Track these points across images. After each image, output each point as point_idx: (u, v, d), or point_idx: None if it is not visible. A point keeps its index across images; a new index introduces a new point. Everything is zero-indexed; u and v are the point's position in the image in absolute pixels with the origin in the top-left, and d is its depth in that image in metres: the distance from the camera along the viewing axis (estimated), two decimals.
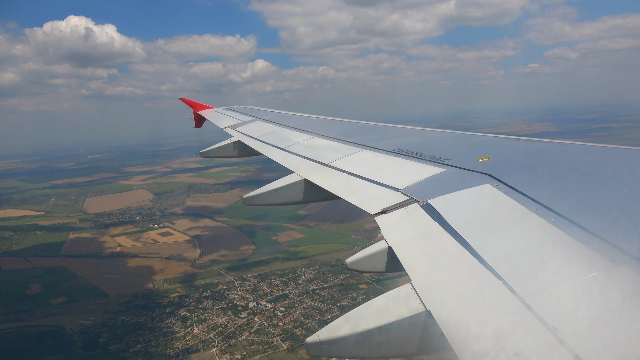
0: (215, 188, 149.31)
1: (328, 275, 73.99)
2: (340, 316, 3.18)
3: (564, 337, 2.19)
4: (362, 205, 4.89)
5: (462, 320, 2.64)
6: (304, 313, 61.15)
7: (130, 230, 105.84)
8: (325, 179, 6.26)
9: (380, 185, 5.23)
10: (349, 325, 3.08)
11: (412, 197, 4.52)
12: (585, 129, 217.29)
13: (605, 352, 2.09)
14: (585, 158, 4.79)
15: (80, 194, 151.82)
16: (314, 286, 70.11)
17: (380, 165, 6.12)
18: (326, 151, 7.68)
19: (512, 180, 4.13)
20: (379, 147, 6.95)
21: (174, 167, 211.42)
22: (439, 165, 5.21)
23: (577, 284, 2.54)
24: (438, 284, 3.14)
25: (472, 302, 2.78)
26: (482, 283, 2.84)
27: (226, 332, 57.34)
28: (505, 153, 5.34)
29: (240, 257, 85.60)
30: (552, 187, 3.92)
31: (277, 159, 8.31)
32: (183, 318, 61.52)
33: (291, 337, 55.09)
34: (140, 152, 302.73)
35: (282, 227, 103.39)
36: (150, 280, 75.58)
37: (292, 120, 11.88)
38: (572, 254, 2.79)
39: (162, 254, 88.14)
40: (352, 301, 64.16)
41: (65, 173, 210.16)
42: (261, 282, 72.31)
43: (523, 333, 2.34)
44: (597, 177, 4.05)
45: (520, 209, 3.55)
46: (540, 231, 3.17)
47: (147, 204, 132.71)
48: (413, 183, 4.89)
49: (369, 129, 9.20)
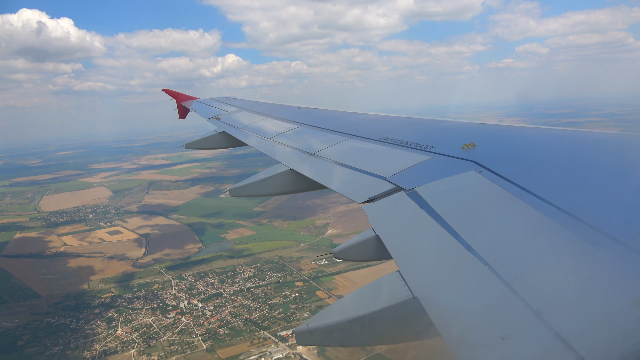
0: (175, 185, 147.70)
1: (267, 273, 73.81)
2: (326, 305, 3.07)
3: (549, 320, 2.19)
4: (348, 194, 4.89)
5: (448, 306, 2.69)
6: (232, 312, 60.85)
7: (79, 229, 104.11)
8: (312, 169, 6.25)
9: (367, 174, 5.22)
10: (337, 313, 3.16)
11: (398, 185, 4.53)
12: (553, 123, 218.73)
13: (590, 333, 2.12)
14: (569, 143, 4.81)
15: (37, 192, 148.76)
16: (250, 284, 69.85)
17: (366, 154, 6.16)
18: (312, 141, 7.66)
19: (497, 166, 4.14)
20: (365, 136, 6.91)
21: (141, 163, 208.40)
22: (424, 153, 5.21)
23: (561, 268, 2.60)
24: (425, 270, 3.16)
25: (459, 287, 2.81)
26: (468, 269, 2.85)
27: (149, 332, 56.75)
28: (489, 140, 5.38)
29: (184, 255, 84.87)
30: (537, 173, 3.97)
31: (262, 149, 8.21)
32: (109, 319, 60.69)
33: (213, 337, 54.78)
34: (112, 148, 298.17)
35: (233, 224, 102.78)
36: (87, 281, 74.42)
37: (278, 110, 11.78)
38: (556, 238, 2.84)
39: (106, 254, 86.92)
40: (284, 299, 64.16)
41: (28, 170, 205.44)
42: (198, 281, 71.79)
43: (509, 317, 2.36)
44: (581, 162, 4.09)
45: (505, 194, 3.57)
46: (524, 216, 3.21)
47: (104, 202, 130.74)
48: (399, 171, 4.89)
49: (355, 118, 9.13)
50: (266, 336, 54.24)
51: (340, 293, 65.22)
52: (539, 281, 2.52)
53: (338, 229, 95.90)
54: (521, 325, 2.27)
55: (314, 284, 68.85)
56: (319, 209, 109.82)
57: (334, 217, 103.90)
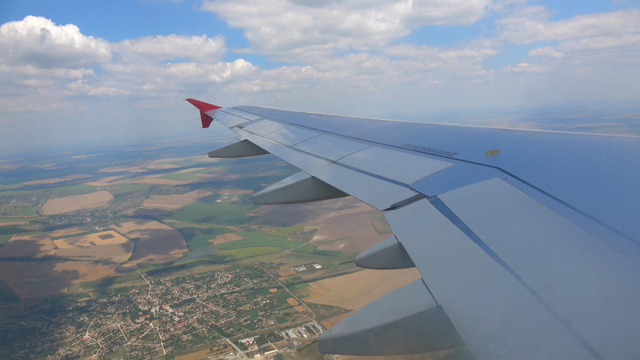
0: (175, 189, 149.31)
1: (244, 279, 73.92)
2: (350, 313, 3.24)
3: (578, 330, 2.14)
4: (370, 201, 4.86)
5: (473, 316, 2.61)
6: (200, 318, 61.07)
7: (73, 232, 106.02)
8: (334, 176, 6.26)
9: (389, 182, 5.21)
10: (359, 321, 3.14)
11: (421, 193, 4.50)
12: (565, 128, 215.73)
13: (620, 343, 2.05)
14: (593, 148, 4.74)
15: (43, 195, 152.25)
16: (224, 290, 70.02)
17: (388, 161, 6.16)
18: (334, 148, 7.68)
19: (522, 172, 4.07)
20: (387, 142, 6.91)
21: (149, 168, 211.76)
22: (447, 160, 5.18)
23: (589, 276, 2.53)
24: (449, 279, 3.11)
25: (484, 296, 2.74)
26: (494, 277, 2.80)
27: (115, 337, 57.31)
28: (513, 146, 5.30)
29: (167, 260, 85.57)
30: (563, 179, 3.89)
31: (284, 157, 8.28)
32: (80, 323, 61.51)
33: (176, 343, 55.01)
34: (125, 152, 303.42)
35: (223, 230, 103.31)
36: (68, 285, 75.61)
37: (299, 119, 11.87)
38: (583, 246, 2.77)
39: (93, 257, 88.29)
40: (254, 306, 64.13)
41: (41, 174, 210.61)
42: (175, 286, 72.30)
43: (536, 327, 2.30)
44: (608, 167, 4.02)
45: (531, 201, 3.51)
46: (551, 224, 3.13)
47: (104, 206, 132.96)
48: (422, 178, 4.87)
49: (377, 125, 9.14)
50: (227, 343, 54.23)
51: (310, 300, 64.93)
52: (566, 290, 2.46)
53: (325, 235, 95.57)
54: (549, 336, 2.20)
55: (287, 291, 68.65)
56: (310, 215, 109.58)
57: (323, 223, 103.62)
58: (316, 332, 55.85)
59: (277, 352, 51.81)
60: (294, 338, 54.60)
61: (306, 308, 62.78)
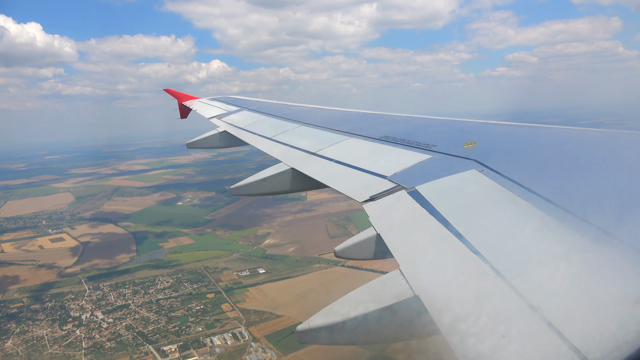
0: (138, 192, 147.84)
1: (184, 284, 73.30)
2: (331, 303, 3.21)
3: (549, 317, 2.20)
4: (349, 192, 4.91)
5: (449, 304, 2.67)
6: (128, 325, 60.33)
7: (24, 235, 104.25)
8: (313, 168, 6.27)
9: (368, 173, 5.25)
10: (338, 312, 3.12)
11: (399, 184, 4.56)
12: None
13: (589, 330, 2.12)
14: (569, 141, 4.86)
15: (3, 197, 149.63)
16: (161, 295, 69.33)
17: (367, 152, 6.15)
18: (313, 140, 7.65)
19: (498, 165, 4.15)
20: (366, 134, 6.95)
21: (120, 169, 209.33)
22: (425, 152, 5.22)
23: (561, 266, 2.60)
24: (426, 269, 3.17)
25: (460, 286, 2.81)
26: (469, 267, 2.87)
27: (37, 345, 56.34)
28: (490, 138, 5.40)
29: (112, 265, 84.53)
30: (537, 171, 3.98)
31: (263, 148, 8.25)
32: (5, 331, 60.39)
33: (97, 351, 54.25)
34: (100, 152, 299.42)
35: (176, 233, 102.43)
36: (4, 291, 74.18)
37: (279, 110, 11.81)
38: (556, 237, 2.83)
39: (38, 262, 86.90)
40: (187, 312, 63.60)
41: (9, 174, 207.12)
42: (112, 292, 71.40)
43: (509, 315, 2.36)
44: (581, 160, 4.13)
45: (506, 193, 3.58)
46: (526, 215, 3.22)
47: (63, 208, 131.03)
48: (400, 170, 4.92)
49: (356, 117, 9.20)
50: (149, 350, 53.62)
51: (245, 306, 64.66)
52: (539, 279, 2.53)
53: (277, 239, 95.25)
54: (521, 323, 2.26)
55: (224, 296, 68.19)
56: (266, 219, 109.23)
57: (277, 226, 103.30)
58: (241, 339, 55.57)
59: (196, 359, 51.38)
60: (217, 345, 54.17)
61: (238, 314, 62.44)
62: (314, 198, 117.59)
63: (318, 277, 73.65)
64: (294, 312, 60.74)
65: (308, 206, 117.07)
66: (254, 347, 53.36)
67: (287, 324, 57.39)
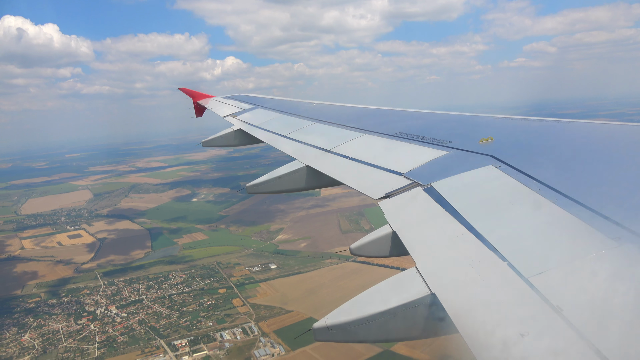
0: (154, 188, 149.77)
1: (197, 279, 74.11)
2: (347, 301, 3.24)
3: (569, 317, 2.16)
4: (364, 190, 4.91)
5: (466, 303, 2.66)
6: (141, 319, 61.28)
7: (43, 232, 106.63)
8: (328, 165, 6.26)
9: (383, 170, 5.23)
10: (355, 309, 3.14)
11: (415, 181, 4.53)
12: None
13: (610, 330, 2.08)
14: (587, 136, 4.75)
15: (24, 194, 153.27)
16: (174, 291, 70.22)
17: (382, 149, 6.16)
18: (327, 137, 7.66)
19: (515, 160, 4.10)
20: (381, 131, 6.93)
21: (138, 166, 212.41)
22: (441, 148, 5.19)
23: (581, 264, 2.54)
24: (442, 266, 3.16)
25: (477, 284, 2.78)
26: (487, 265, 2.84)
27: (53, 339, 57.67)
28: (507, 133, 5.32)
29: (127, 261, 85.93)
30: (555, 167, 3.90)
31: (278, 146, 8.30)
32: (24, 324, 61.94)
33: (110, 345, 55.28)
34: (119, 150, 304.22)
35: (191, 229, 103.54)
36: (23, 286, 76.08)
37: (293, 107, 11.82)
38: (576, 234, 2.78)
39: (56, 258, 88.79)
40: (199, 307, 64.30)
41: (31, 173, 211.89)
42: (127, 287, 72.61)
43: (528, 314, 2.34)
44: (601, 155, 4.03)
45: (524, 189, 3.54)
46: (544, 211, 3.16)
47: (81, 205, 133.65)
48: (416, 167, 4.89)
49: (370, 114, 9.14)
50: (160, 345, 54.42)
51: (255, 301, 65.04)
52: (559, 277, 2.47)
53: (289, 235, 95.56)
54: (540, 322, 2.22)
55: (235, 292, 68.75)
56: (279, 214, 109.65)
57: (290, 222, 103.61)
58: (251, 334, 55.98)
59: (206, 354, 51.95)
60: (227, 340, 54.66)
61: (248, 309, 62.88)
62: (327, 193, 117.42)
63: (329, 272, 73.69)
64: (304, 308, 60.94)
65: (321, 202, 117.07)
66: (263, 342, 53.68)
67: (296, 319, 57.65)
